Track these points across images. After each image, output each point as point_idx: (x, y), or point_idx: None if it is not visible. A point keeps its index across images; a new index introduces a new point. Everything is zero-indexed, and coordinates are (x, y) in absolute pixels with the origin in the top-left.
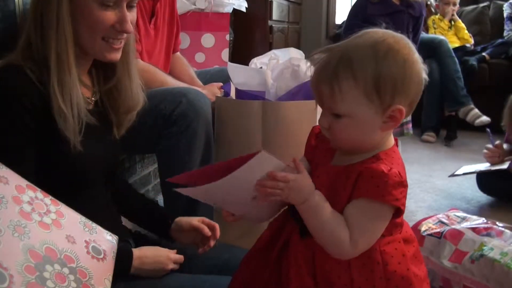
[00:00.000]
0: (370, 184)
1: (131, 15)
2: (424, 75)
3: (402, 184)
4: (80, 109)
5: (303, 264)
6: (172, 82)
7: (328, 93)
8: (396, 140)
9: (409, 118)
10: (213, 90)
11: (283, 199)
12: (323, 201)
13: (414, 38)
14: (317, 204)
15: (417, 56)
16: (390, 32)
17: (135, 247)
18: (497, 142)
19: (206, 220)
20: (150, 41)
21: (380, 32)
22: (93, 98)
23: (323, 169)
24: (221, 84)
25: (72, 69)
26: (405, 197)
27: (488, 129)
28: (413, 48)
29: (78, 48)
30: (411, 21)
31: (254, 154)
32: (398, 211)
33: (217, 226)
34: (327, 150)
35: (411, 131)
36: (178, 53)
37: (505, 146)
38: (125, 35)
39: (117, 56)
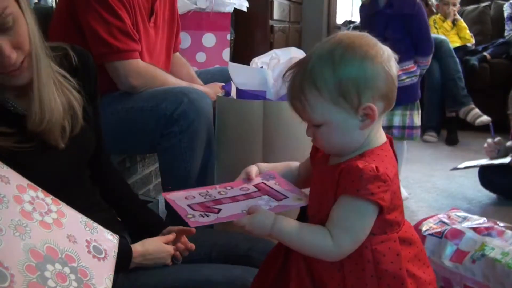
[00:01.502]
0: (347, 181)
1: (8, 39)
2: (391, 65)
3: (379, 178)
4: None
5: (302, 265)
6: (173, 82)
7: (300, 107)
8: (389, 138)
9: (418, 123)
10: (215, 89)
11: (254, 234)
12: (288, 222)
13: (413, 40)
14: (283, 227)
15: (378, 49)
16: (351, 33)
17: (132, 242)
18: (497, 138)
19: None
20: (151, 40)
21: (339, 35)
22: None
23: (317, 170)
24: (222, 84)
25: None
26: (385, 191)
27: (491, 124)
28: (372, 42)
29: None
30: (392, 21)
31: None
32: (382, 207)
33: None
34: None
35: (418, 136)
36: (178, 53)
37: (509, 143)
38: (15, 65)
39: (23, 78)
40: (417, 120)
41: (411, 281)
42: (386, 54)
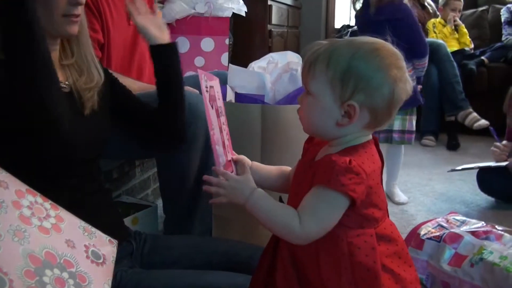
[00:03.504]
0: (320, 172)
1: None
2: (400, 91)
3: (351, 171)
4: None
5: (287, 255)
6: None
7: (306, 70)
8: (375, 139)
9: (413, 128)
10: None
11: (227, 200)
12: (265, 196)
13: (407, 43)
14: (259, 199)
15: (399, 73)
16: (390, 45)
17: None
18: (504, 142)
19: None
20: (128, 36)
21: (381, 41)
22: (66, 83)
23: (299, 164)
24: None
25: None
26: (357, 184)
27: (491, 128)
28: (399, 64)
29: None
30: (384, 27)
31: None
32: (354, 200)
33: None
34: (314, 149)
35: (411, 141)
36: None
37: (504, 142)
38: (79, 8)
39: (75, 29)
40: (414, 125)
41: (389, 277)
42: (403, 80)
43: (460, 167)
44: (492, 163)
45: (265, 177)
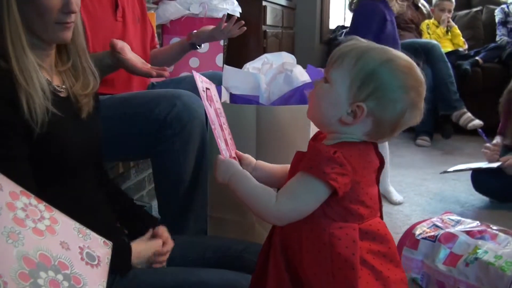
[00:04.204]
0: (306, 158)
1: None
2: (409, 120)
3: (334, 161)
4: (44, 90)
5: (278, 242)
6: None
7: (335, 59)
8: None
9: None
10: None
11: (215, 176)
12: (248, 176)
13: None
14: (241, 178)
15: (417, 102)
16: (416, 65)
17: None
18: (494, 141)
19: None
20: (116, 33)
21: (408, 57)
22: (63, 87)
23: (295, 155)
24: None
25: (28, 53)
26: (340, 174)
27: (480, 130)
28: (421, 91)
29: (34, 36)
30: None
31: None
32: (336, 190)
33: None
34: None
35: None
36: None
37: (498, 139)
38: (73, 16)
39: (68, 35)
40: None
41: (368, 272)
42: (417, 107)
43: (452, 169)
44: (484, 165)
45: (270, 175)
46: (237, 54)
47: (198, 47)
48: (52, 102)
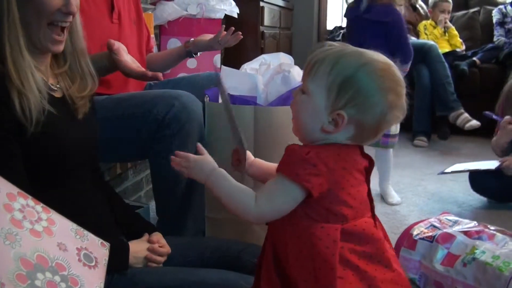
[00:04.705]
0: (281, 160)
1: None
2: (391, 121)
3: (307, 161)
4: (41, 89)
5: (270, 242)
6: None
7: (309, 68)
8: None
9: (397, 131)
10: None
11: (190, 176)
12: (226, 176)
13: (392, 47)
14: (219, 178)
15: (397, 102)
16: (394, 65)
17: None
18: (507, 117)
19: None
20: (112, 35)
21: (386, 58)
22: (58, 86)
23: None
24: None
25: (25, 53)
26: (313, 175)
27: (486, 112)
28: (400, 91)
29: (30, 43)
30: (370, 27)
31: None
32: (310, 191)
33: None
34: None
35: (395, 144)
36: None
37: (494, 138)
38: (70, 17)
39: (60, 48)
40: (395, 128)
41: (352, 273)
42: (399, 107)
43: (449, 170)
44: (482, 166)
45: (265, 173)
46: (235, 55)
47: (195, 55)
48: (48, 101)
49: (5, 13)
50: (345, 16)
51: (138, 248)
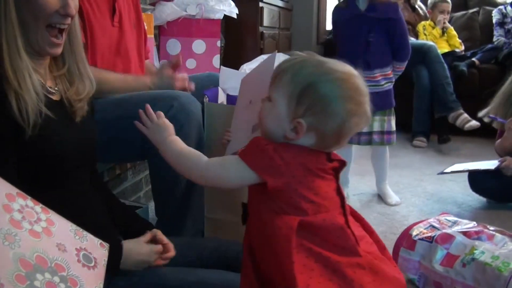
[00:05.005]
0: (246, 146)
1: (74, 1)
2: (353, 128)
3: (266, 153)
4: (38, 91)
5: (246, 248)
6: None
7: (274, 77)
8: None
9: (392, 128)
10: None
11: (147, 135)
12: (180, 141)
13: (393, 43)
14: (174, 142)
15: (356, 110)
16: (355, 74)
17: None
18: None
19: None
20: (113, 39)
21: (348, 68)
22: (56, 88)
23: None
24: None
25: (23, 55)
26: (267, 166)
27: (490, 115)
28: (360, 100)
29: (28, 45)
30: (375, 25)
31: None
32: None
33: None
34: None
35: (391, 142)
36: (147, 61)
37: (497, 142)
38: (69, 19)
39: (58, 50)
40: (394, 125)
41: (314, 259)
42: (359, 114)
43: (449, 170)
44: (481, 167)
45: None
46: (234, 56)
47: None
48: (46, 104)
49: (2, 14)
50: (336, 17)
51: (140, 250)
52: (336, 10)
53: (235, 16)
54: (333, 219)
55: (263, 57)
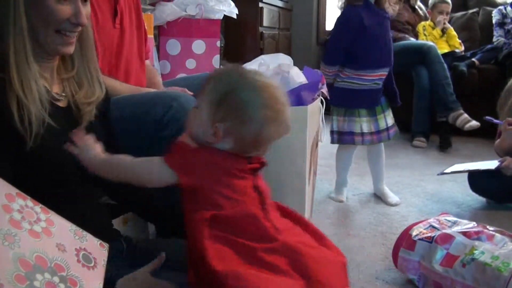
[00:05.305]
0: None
1: (86, 9)
2: (271, 135)
3: (181, 153)
4: (42, 100)
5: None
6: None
7: (202, 87)
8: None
9: (392, 124)
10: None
11: (79, 157)
12: (104, 154)
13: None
14: (99, 155)
15: (274, 118)
16: (275, 85)
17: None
18: (509, 118)
19: None
20: (114, 41)
21: (268, 79)
22: (63, 94)
23: None
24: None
25: (31, 63)
26: (181, 164)
27: (487, 117)
28: (277, 108)
29: (37, 45)
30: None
31: None
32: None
33: None
34: None
35: (392, 135)
36: (147, 61)
37: (497, 142)
38: (80, 28)
39: (70, 49)
40: (390, 119)
41: (229, 246)
42: (277, 122)
43: (449, 170)
44: (481, 167)
45: None
46: (234, 56)
47: None
48: (50, 112)
49: (12, 21)
50: (354, 25)
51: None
52: (357, 12)
53: (235, 16)
54: (247, 211)
55: (263, 58)
